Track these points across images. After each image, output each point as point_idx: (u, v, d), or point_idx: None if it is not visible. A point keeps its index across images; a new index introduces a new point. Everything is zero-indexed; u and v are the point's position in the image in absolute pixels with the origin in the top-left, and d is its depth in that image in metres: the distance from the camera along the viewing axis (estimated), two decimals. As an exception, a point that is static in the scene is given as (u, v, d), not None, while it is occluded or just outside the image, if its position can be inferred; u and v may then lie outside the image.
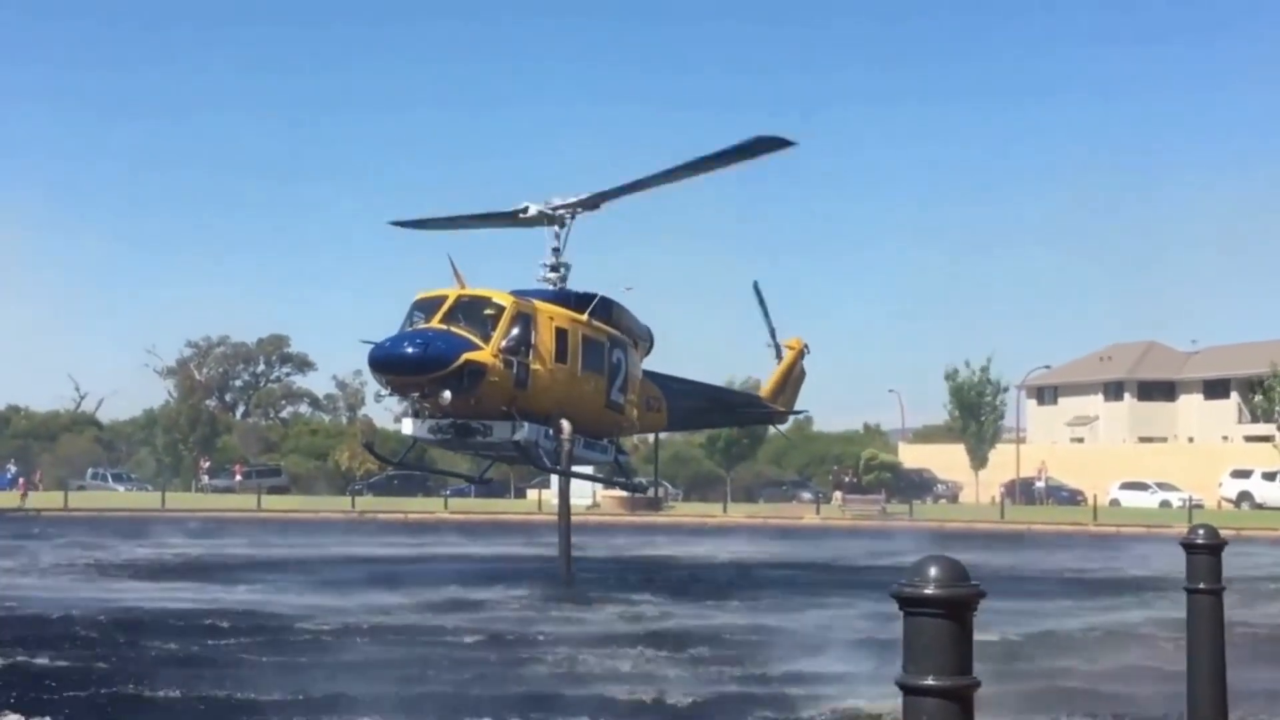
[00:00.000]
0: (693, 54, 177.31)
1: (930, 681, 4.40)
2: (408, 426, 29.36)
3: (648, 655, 18.60)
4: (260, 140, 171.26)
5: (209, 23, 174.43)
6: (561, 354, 28.74)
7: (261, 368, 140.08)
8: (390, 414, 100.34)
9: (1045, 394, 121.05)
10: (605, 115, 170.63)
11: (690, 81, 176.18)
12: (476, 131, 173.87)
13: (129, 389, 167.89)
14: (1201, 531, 9.22)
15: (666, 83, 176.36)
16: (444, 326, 27.10)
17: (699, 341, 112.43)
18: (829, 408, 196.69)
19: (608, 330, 30.53)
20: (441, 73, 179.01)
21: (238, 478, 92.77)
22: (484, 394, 27.07)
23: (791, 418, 44.49)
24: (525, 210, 30.62)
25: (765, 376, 40.76)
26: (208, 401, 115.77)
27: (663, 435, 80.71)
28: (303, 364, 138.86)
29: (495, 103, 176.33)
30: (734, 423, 48.69)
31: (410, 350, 26.64)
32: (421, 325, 27.42)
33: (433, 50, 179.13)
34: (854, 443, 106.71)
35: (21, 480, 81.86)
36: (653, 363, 34.09)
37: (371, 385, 30.28)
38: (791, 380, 39.71)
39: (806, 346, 40.15)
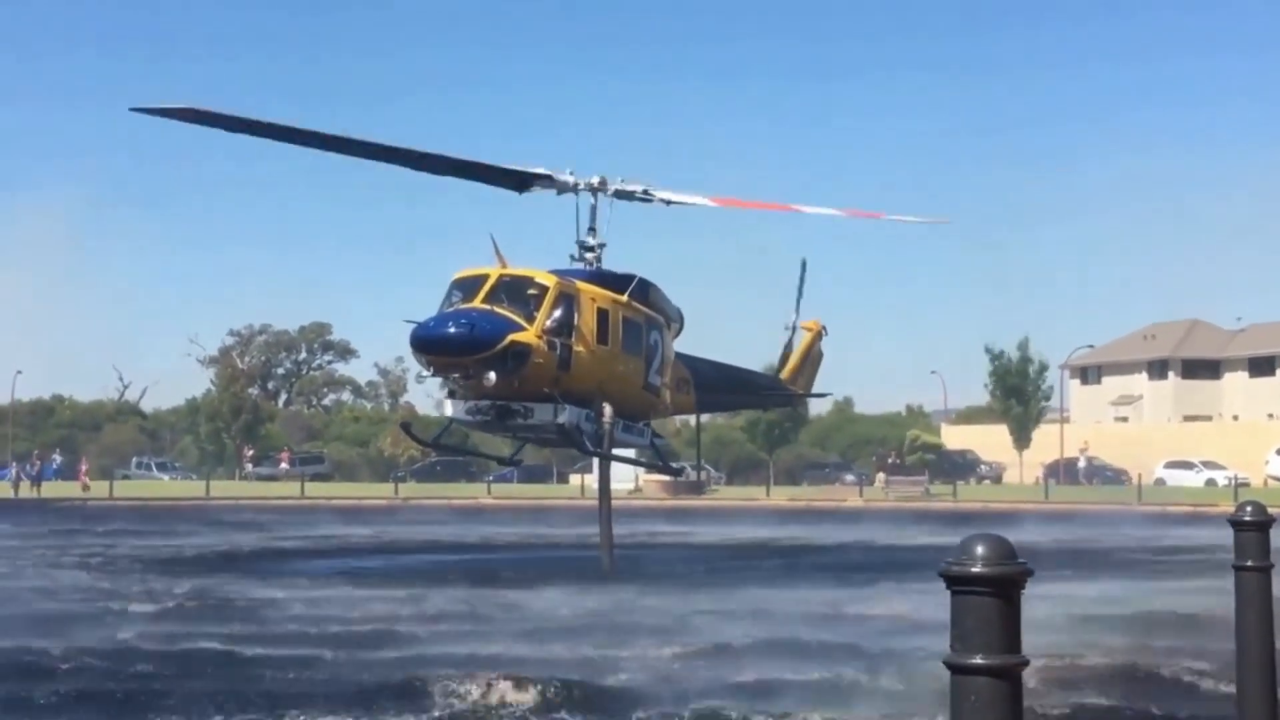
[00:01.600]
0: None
1: (979, 660, 4.36)
2: (447, 408, 29.00)
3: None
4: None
5: (244, 7, 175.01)
6: (603, 335, 28.25)
7: (303, 355, 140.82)
8: (432, 400, 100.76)
9: (1089, 373, 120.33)
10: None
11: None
12: (513, 115, 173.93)
13: (172, 378, 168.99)
14: (1249, 508, 9.12)
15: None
16: (487, 306, 26.54)
17: (721, 323, 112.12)
18: (871, 390, 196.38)
19: (645, 311, 30.01)
20: (478, 58, 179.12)
21: (284, 465, 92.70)
22: (528, 375, 26.54)
23: (809, 400, 43.66)
24: (550, 177, 29.43)
25: (779, 358, 39.79)
26: (250, 390, 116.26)
27: (704, 418, 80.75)
28: (344, 351, 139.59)
29: (538, 82, 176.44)
30: (757, 404, 47.97)
31: (455, 330, 26.06)
32: (462, 305, 26.81)
33: (469, 35, 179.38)
34: (896, 424, 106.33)
35: (83, 472, 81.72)
36: (680, 344, 33.64)
37: (414, 371, 29.38)
38: (809, 362, 38.97)
39: (824, 328, 39.55)
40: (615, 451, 30.69)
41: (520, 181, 29.87)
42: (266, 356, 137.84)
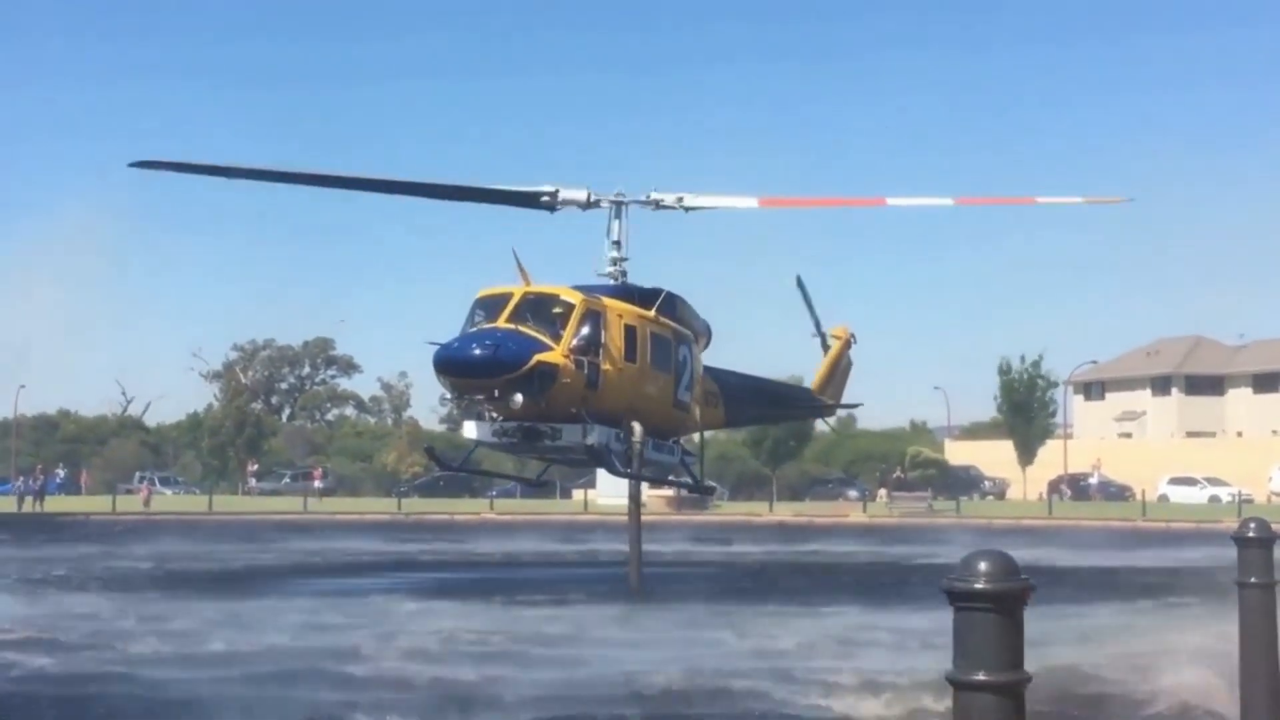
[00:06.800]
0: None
1: (981, 677, 4.35)
2: (471, 430, 27.77)
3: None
4: (303, 140, 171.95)
5: (240, 20, 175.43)
6: (631, 353, 27.26)
7: (307, 370, 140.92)
8: (435, 415, 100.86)
9: (1092, 389, 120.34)
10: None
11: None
12: (522, 128, 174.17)
13: (175, 392, 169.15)
14: (1253, 525, 9.12)
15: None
16: (512, 326, 25.60)
17: (741, 336, 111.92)
18: (875, 405, 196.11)
19: (673, 327, 29.02)
20: (484, 71, 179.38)
21: (317, 483, 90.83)
22: (555, 396, 25.58)
23: (840, 410, 42.78)
24: (556, 194, 28.66)
25: (811, 369, 39.23)
26: (253, 404, 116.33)
27: (708, 434, 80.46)
28: (348, 366, 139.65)
29: (541, 104, 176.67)
30: (787, 417, 47.15)
31: (480, 352, 25.11)
32: (486, 325, 25.93)
33: (478, 48, 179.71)
34: (900, 440, 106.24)
35: (145, 485, 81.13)
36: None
37: (417, 387, 28.84)
38: (839, 371, 38.11)
39: (853, 335, 38.91)
40: (644, 472, 29.92)
41: (540, 201, 29.54)
42: (270, 371, 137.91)
